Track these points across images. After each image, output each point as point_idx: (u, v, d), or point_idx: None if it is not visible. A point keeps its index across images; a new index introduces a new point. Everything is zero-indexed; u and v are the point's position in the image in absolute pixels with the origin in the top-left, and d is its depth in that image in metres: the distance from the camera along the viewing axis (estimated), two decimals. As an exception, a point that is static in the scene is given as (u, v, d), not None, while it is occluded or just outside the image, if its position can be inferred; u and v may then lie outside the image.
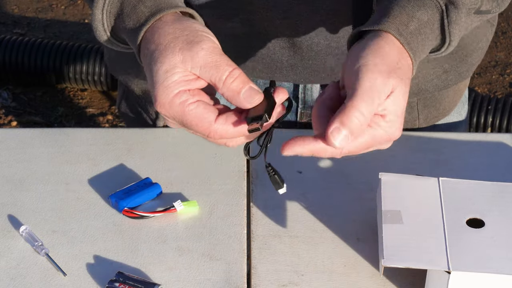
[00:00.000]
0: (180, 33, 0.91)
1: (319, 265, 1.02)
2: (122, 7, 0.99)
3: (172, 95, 0.89)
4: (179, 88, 0.89)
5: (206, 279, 0.99)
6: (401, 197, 1.02)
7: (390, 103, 0.90)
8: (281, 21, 1.14)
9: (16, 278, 0.99)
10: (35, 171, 1.15)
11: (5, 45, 3.24)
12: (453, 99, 1.32)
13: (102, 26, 1.01)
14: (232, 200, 1.11)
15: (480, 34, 1.24)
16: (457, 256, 0.93)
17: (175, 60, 0.90)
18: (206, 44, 0.90)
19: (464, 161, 1.18)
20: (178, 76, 0.90)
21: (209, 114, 0.89)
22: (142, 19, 0.96)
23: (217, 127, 0.89)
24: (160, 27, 0.94)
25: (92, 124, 3.12)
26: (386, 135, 0.91)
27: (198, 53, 0.89)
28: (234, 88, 0.89)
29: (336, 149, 0.90)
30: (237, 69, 0.90)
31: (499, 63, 3.45)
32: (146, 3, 0.97)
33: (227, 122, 0.89)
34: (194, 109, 0.89)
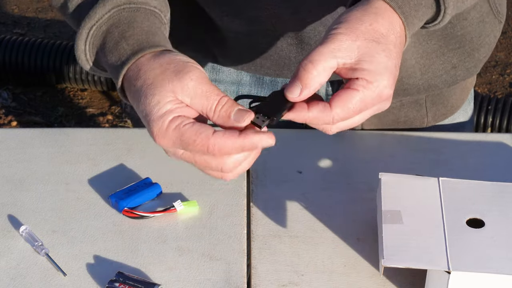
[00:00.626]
0: (166, 66, 0.92)
1: (319, 265, 1.02)
2: (104, 41, 1.00)
3: (167, 122, 0.90)
4: (173, 115, 0.90)
5: (206, 279, 0.99)
6: (401, 197, 1.02)
7: (366, 64, 0.90)
8: (289, 16, 1.14)
9: (16, 278, 0.99)
10: (35, 171, 1.15)
11: (5, 45, 3.24)
12: (460, 96, 1.32)
13: (84, 56, 1.02)
14: (232, 200, 1.11)
15: (487, 29, 1.24)
16: (457, 256, 0.93)
17: (166, 91, 0.90)
18: (194, 75, 0.91)
19: (464, 161, 1.18)
20: (171, 105, 0.90)
21: (206, 128, 0.89)
22: (124, 57, 0.97)
23: (216, 139, 0.89)
24: (144, 63, 0.94)
25: (92, 124, 3.12)
26: (374, 94, 0.90)
27: (187, 84, 0.90)
28: (223, 114, 0.90)
29: (327, 117, 0.90)
30: (225, 96, 0.91)
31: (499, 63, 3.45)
32: (128, 41, 0.97)
33: (226, 135, 0.89)
34: (190, 127, 0.89)
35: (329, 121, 0.91)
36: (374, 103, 0.91)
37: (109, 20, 1.00)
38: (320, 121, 0.91)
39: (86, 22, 1.00)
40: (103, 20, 1.00)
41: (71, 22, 1.07)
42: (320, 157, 1.18)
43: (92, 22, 1.00)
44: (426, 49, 1.19)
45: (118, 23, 1.00)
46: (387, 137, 1.23)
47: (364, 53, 0.90)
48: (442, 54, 1.21)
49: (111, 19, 1.00)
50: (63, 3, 1.05)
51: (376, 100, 0.91)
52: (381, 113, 1.26)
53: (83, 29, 1.00)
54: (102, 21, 1.00)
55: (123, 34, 0.98)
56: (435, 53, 1.21)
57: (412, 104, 1.27)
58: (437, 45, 1.20)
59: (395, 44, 0.93)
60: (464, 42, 1.21)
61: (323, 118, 0.90)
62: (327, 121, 0.91)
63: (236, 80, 1.27)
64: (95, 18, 1.00)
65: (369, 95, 0.90)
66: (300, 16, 1.13)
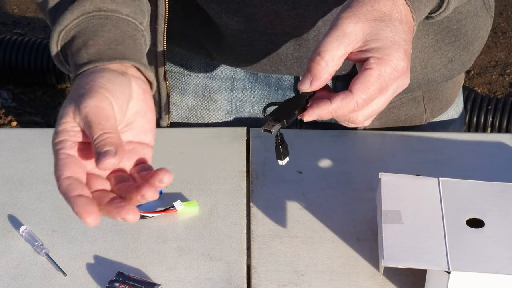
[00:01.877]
0: (84, 85, 0.93)
1: (319, 265, 1.02)
2: (71, 45, 1.01)
3: (56, 140, 0.90)
4: (61, 137, 0.90)
5: (206, 279, 0.99)
6: (401, 197, 1.02)
7: (373, 43, 0.91)
8: (288, 12, 1.14)
9: (16, 278, 0.99)
10: (35, 171, 1.15)
11: (5, 45, 3.24)
12: (453, 90, 1.34)
13: (58, 58, 1.03)
14: (232, 200, 1.11)
15: (480, 23, 1.26)
16: (457, 256, 0.93)
17: (68, 111, 0.91)
18: (92, 102, 0.90)
19: (464, 161, 1.18)
20: (66, 125, 0.90)
21: (70, 167, 0.88)
22: (79, 65, 0.97)
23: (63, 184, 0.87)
24: (80, 77, 0.95)
25: (92, 124, 3.11)
26: (389, 68, 0.91)
27: (81, 110, 0.90)
28: (96, 149, 0.88)
29: (351, 102, 0.91)
30: (108, 133, 0.89)
31: (499, 63, 3.45)
32: (88, 50, 0.98)
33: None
34: (61, 160, 0.88)
35: (354, 107, 0.91)
36: (392, 78, 0.92)
37: (77, 26, 1.01)
38: (345, 109, 0.91)
39: (56, 26, 1.01)
40: (71, 26, 1.01)
41: (47, 18, 1.08)
42: (320, 157, 1.18)
43: (61, 27, 1.01)
44: (424, 44, 1.20)
45: (85, 30, 1.00)
46: (387, 137, 1.23)
47: (368, 33, 0.91)
48: (439, 48, 1.22)
49: (78, 26, 1.01)
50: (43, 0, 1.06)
51: (393, 74, 0.91)
52: (382, 113, 1.26)
53: (54, 32, 1.02)
54: (71, 27, 1.01)
55: (86, 43, 0.99)
56: (433, 47, 1.21)
57: (411, 102, 1.28)
58: (434, 39, 1.21)
59: (400, 21, 0.93)
60: (459, 35, 1.23)
61: (347, 105, 0.91)
62: (352, 107, 0.91)
63: (231, 76, 1.28)
64: (64, 23, 1.01)
65: (384, 70, 0.91)
66: (299, 12, 1.14)
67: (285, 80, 1.26)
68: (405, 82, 0.94)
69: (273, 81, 1.26)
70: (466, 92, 2.98)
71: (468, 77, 3.36)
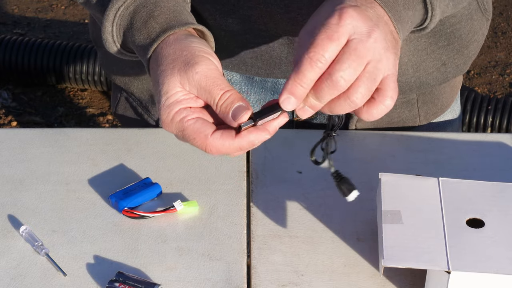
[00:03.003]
0: (179, 53, 0.95)
1: (319, 265, 1.01)
2: (132, 21, 1.02)
3: (173, 113, 0.93)
4: (180, 106, 0.93)
5: (206, 279, 0.99)
6: (401, 197, 1.02)
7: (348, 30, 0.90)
8: (281, 15, 1.14)
9: (16, 278, 0.99)
10: (35, 171, 1.15)
11: (5, 45, 3.24)
12: (450, 95, 1.33)
13: (111, 38, 1.04)
14: (232, 200, 1.11)
15: (476, 27, 1.25)
16: (457, 256, 0.93)
17: (174, 82, 0.93)
18: (201, 67, 0.93)
19: (464, 161, 1.18)
20: (178, 95, 0.93)
21: (206, 128, 0.93)
22: (153, 35, 0.99)
23: (213, 140, 0.92)
24: (163, 47, 0.97)
25: (92, 124, 3.12)
26: (332, 15, 0.89)
27: (193, 77, 0.93)
28: (223, 110, 0.93)
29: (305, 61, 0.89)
30: (228, 91, 0.93)
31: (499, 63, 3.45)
32: (157, 19, 1.00)
33: (223, 137, 0.92)
34: (192, 124, 0.93)
35: (311, 65, 0.88)
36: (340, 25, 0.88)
37: (136, 1, 1.02)
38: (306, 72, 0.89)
39: (114, 3, 1.02)
40: (129, 1, 1.02)
41: (95, 9, 1.08)
42: (320, 157, 1.18)
43: (119, 3, 1.02)
44: (417, 47, 1.20)
45: (145, 3, 1.02)
46: (387, 137, 1.23)
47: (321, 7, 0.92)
48: (432, 51, 1.22)
49: (136, 0, 1.02)
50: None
51: (340, 22, 0.88)
52: None
53: (110, 10, 1.02)
54: (129, 2, 1.02)
55: (151, 14, 1.00)
56: (426, 51, 1.21)
57: (404, 104, 1.28)
58: (427, 43, 1.21)
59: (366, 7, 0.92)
60: (453, 39, 1.22)
61: (303, 66, 0.89)
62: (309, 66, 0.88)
63: (227, 79, 1.28)
64: (121, 0, 1.02)
65: (328, 21, 0.89)
66: (292, 15, 1.14)
67: (281, 84, 1.26)
68: (361, 25, 0.89)
69: (269, 85, 1.26)
70: (466, 92, 2.98)
71: (468, 77, 3.36)
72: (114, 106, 1.39)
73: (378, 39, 0.90)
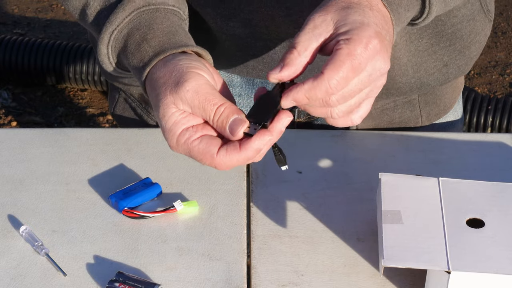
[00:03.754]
0: (168, 75, 0.95)
1: (319, 265, 1.02)
2: (126, 44, 1.02)
3: (176, 136, 0.93)
4: (181, 127, 0.93)
5: (206, 279, 0.99)
6: (401, 197, 1.02)
7: (342, 28, 0.91)
8: (283, 18, 1.14)
9: (16, 278, 0.99)
10: (35, 171, 1.15)
11: (5, 45, 3.24)
12: (452, 95, 1.33)
13: (108, 60, 1.05)
14: (232, 200, 1.11)
15: (478, 27, 1.25)
16: (457, 256, 0.93)
17: (168, 104, 0.93)
18: (190, 84, 0.92)
19: (464, 161, 1.18)
20: (175, 117, 0.93)
21: (211, 147, 0.92)
22: (146, 58, 0.99)
23: (220, 159, 0.92)
24: (155, 72, 0.97)
25: (92, 124, 3.12)
26: (358, 44, 0.89)
27: (185, 96, 0.92)
28: (220, 125, 0.92)
29: (323, 83, 0.89)
30: (222, 105, 0.92)
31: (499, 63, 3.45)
32: (150, 42, 1.00)
33: (229, 152, 0.92)
34: (197, 146, 0.93)
35: (326, 88, 0.89)
36: (364, 57, 0.89)
37: (130, 23, 1.02)
38: (318, 90, 0.89)
39: (107, 26, 1.03)
40: (124, 23, 1.02)
41: (90, 28, 1.10)
42: (320, 157, 1.18)
43: (113, 27, 1.03)
44: (418, 47, 1.20)
45: (139, 25, 1.02)
46: (387, 137, 1.23)
47: (338, 21, 0.91)
48: (434, 52, 1.21)
49: (131, 22, 1.02)
50: (82, 10, 1.07)
51: (364, 53, 0.89)
52: (376, 114, 1.26)
53: (105, 33, 1.03)
54: (123, 25, 1.02)
55: (145, 37, 1.00)
56: (427, 51, 1.21)
57: (405, 105, 1.27)
58: (429, 43, 1.20)
59: (370, 8, 0.93)
60: (454, 40, 1.22)
61: (319, 85, 0.89)
62: (324, 88, 0.89)
63: (227, 82, 1.27)
64: (116, 22, 1.02)
65: (353, 48, 0.89)
66: (293, 18, 1.14)
67: None
68: (382, 64, 0.91)
69: (270, 87, 1.26)
70: (466, 92, 2.98)
71: (468, 77, 3.36)
72: (112, 107, 1.39)
73: (385, 73, 0.92)
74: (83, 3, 1.07)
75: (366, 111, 0.94)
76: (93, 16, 1.07)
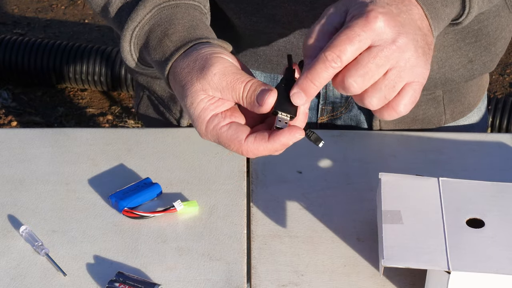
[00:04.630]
0: (192, 64, 0.95)
1: (319, 265, 1.02)
2: (148, 40, 1.03)
3: (205, 122, 0.94)
4: (210, 113, 0.94)
5: (206, 279, 0.99)
6: (401, 197, 1.02)
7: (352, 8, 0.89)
8: (306, 13, 1.14)
9: (16, 278, 0.99)
10: (35, 171, 1.15)
11: (5, 45, 3.24)
12: (477, 94, 1.32)
13: (131, 56, 1.06)
14: (232, 200, 1.11)
15: (503, 23, 1.24)
16: (457, 256, 0.93)
17: (196, 91, 0.94)
18: (216, 68, 0.93)
19: (464, 161, 1.18)
20: (204, 103, 0.94)
21: (239, 134, 0.93)
22: (167, 53, 1.00)
23: (247, 145, 0.93)
24: (177, 65, 0.98)
25: (92, 124, 3.12)
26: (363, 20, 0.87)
27: (212, 80, 0.93)
28: (249, 101, 0.93)
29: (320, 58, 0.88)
30: (249, 81, 0.93)
31: (499, 63, 3.45)
32: (171, 37, 1.01)
33: (257, 140, 0.93)
34: (226, 131, 0.93)
35: (324, 63, 0.88)
36: (362, 28, 0.87)
37: (151, 20, 1.04)
38: (318, 69, 0.88)
39: (129, 24, 1.04)
40: (145, 20, 1.04)
41: (112, 24, 1.11)
42: (320, 157, 1.18)
43: (134, 24, 1.04)
44: (443, 43, 1.19)
45: (160, 21, 1.03)
46: (387, 137, 1.23)
47: (349, 4, 0.90)
48: (459, 48, 1.21)
49: (152, 18, 1.04)
50: (104, 7, 1.09)
51: (364, 25, 0.87)
52: None
53: (127, 31, 1.04)
54: (144, 22, 1.04)
55: (166, 32, 1.02)
56: (452, 47, 1.21)
57: (429, 101, 1.27)
58: (454, 39, 1.20)
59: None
60: (480, 36, 1.22)
61: (317, 63, 0.88)
62: (323, 65, 0.88)
63: None
64: (137, 19, 1.04)
65: (353, 23, 0.87)
66: (317, 12, 1.13)
67: None
68: (392, 35, 0.88)
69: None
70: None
71: (468, 77, 3.35)
72: (137, 105, 1.40)
73: (404, 46, 0.88)
74: (105, 1, 1.08)
75: (410, 99, 0.90)
76: (115, 13, 1.08)
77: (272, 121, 0.95)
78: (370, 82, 0.88)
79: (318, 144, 0.96)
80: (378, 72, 0.88)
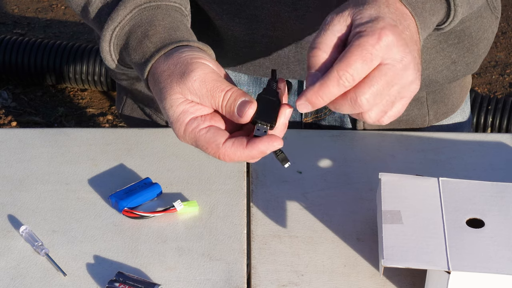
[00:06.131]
0: (173, 68, 0.95)
1: (319, 265, 1.02)
2: (128, 41, 1.03)
3: (184, 125, 0.94)
4: (189, 116, 0.94)
5: (206, 279, 0.99)
6: (401, 197, 1.02)
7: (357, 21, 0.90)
8: (289, 14, 1.14)
9: (16, 278, 0.99)
10: (35, 171, 1.15)
11: (5, 45, 3.24)
12: (460, 95, 1.33)
13: (110, 56, 1.06)
14: (232, 200, 1.11)
15: (485, 25, 1.25)
16: (457, 256, 0.93)
17: (175, 94, 0.93)
18: (197, 74, 0.93)
19: (464, 161, 1.18)
20: (183, 106, 0.93)
21: (217, 137, 0.93)
22: (147, 54, 0.99)
23: (224, 149, 0.93)
24: (158, 66, 0.97)
25: (92, 124, 3.12)
26: (372, 38, 0.88)
27: (192, 85, 0.93)
28: (228, 109, 0.93)
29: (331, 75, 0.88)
30: (229, 90, 0.93)
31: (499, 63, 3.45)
32: (151, 39, 1.00)
33: (234, 145, 0.93)
34: (204, 134, 0.93)
35: (337, 81, 0.88)
36: (376, 48, 0.88)
37: (131, 20, 1.03)
38: (330, 85, 0.88)
39: (109, 24, 1.03)
40: (125, 21, 1.03)
41: (92, 25, 1.10)
42: (320, 157, 1.18)
43: (114, 24, 1.03)
44: (426, 45, 1.20)
45: (140, 22, 1.03)
46: (387, 137, 1.23)
47: (354, 15, 0.91)
48: (442, 49, 1.22)
49: (132, 19, 1.03)
50: (84, 8, 1.08)
51: (376, 44, 0.87)
52: None
53: (107, 31, 1.04)
54: (125, 22, 1.03)
55: (146, 33, 1.01)
56: (435, 49, 1.21)
57: (413, 102, 1.27)
58: (437, 41, 1.20)
59: (387, 5, 0.91)
60: (463, 37, 1.22)
61: (329, 80, 0.88)
62: (336, 82, 0.88)
63: (235, 81, 1.27)
64: (118, 19, 1.03)
65: (365, 39, 0.87)
66: (299, 13, 1.14)
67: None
68: (401, 55, 0.89)
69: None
70: (466, 92, 2.98)
71: (468, 77, 3.35)
72: (120, 107, 1.39)
73: (408, 65, 0.90)
74: (85, 1, 1.08)
75: (398, 112, 0.92)
76: (95, 13, 1.07)
77: (250, 127, 0.95)
78: (380, 100, 0.90)
79: (284, 164, 0.98)
80: (388, 90, 0.90)
